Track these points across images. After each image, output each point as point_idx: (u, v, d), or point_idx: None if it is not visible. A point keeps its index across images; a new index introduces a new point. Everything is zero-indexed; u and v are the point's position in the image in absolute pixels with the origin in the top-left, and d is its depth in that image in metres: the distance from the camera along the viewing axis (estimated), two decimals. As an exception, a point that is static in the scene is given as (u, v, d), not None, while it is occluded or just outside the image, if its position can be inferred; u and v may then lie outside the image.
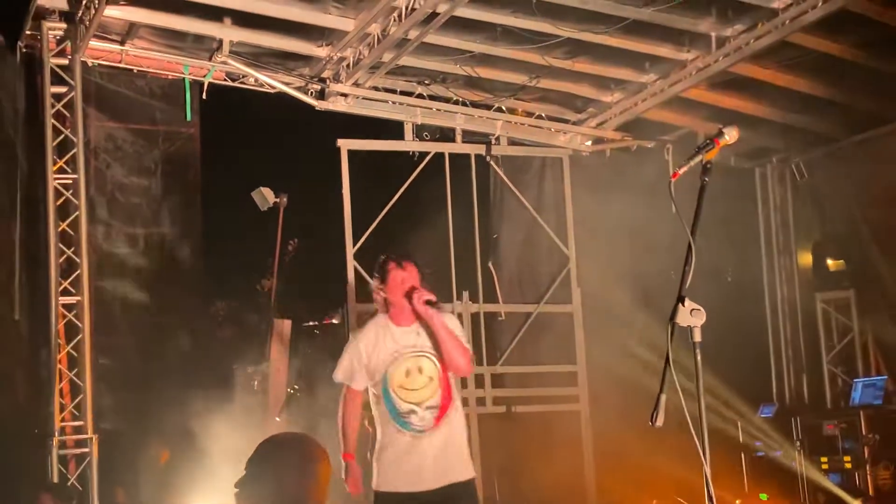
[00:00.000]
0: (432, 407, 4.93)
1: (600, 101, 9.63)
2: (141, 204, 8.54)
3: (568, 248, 9.89)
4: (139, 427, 7.98)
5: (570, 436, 9.47)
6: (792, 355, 10.71)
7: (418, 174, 9.41)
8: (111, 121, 8.44)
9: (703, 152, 3.34)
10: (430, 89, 9.24)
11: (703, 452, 3.09)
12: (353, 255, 9.11)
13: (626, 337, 9.57)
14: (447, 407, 4.96)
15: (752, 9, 7.79)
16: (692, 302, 3.16)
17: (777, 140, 10.35)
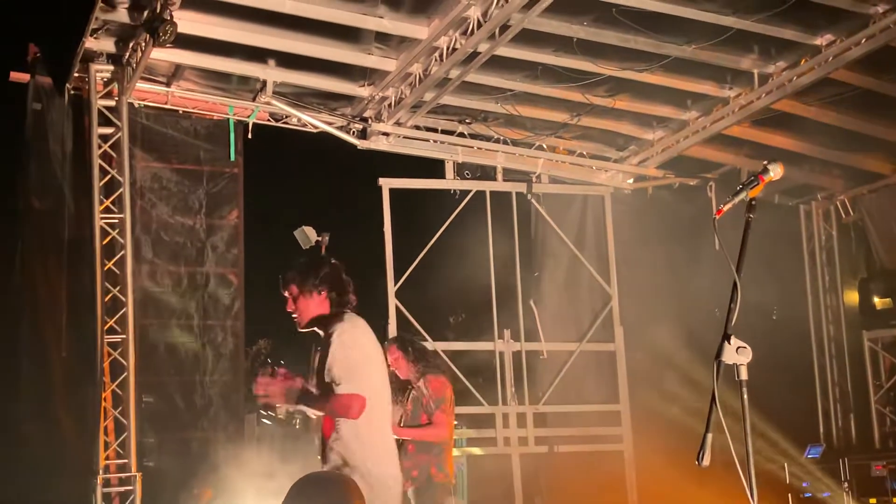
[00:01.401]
0: None
1: (642, 138, 9.62)
2: (185, 243, 8.62)
3: (610, 286, 9.83)
4: (182, 465, 8.00)
5: (613, 476, 9.36)
6: (839, 395, 10.55)
7: (459, 212, 9.43)
8: (157, 161, 8.55)
9: (747, 189, 3.32)
10: (471, 128, 9.29)
11: (750, 493, 3.04)
12: (394, 294, 9.13)
13: (669, 375, 9.48)
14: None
15: (794, 45, 7.76)
16: (738, 340, 3.12)
17: (821, 177, 10.27)
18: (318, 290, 4.78)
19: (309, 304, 4.79)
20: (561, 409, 9.62)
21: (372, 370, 4.76)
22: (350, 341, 4.69)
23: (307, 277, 4.82)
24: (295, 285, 4.82)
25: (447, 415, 6.99)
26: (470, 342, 9.43)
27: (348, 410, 4.62)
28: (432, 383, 7.04)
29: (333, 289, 4.80)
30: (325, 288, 4.78)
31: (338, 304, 4.80)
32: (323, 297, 4.78)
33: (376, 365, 4.82)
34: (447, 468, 7.04)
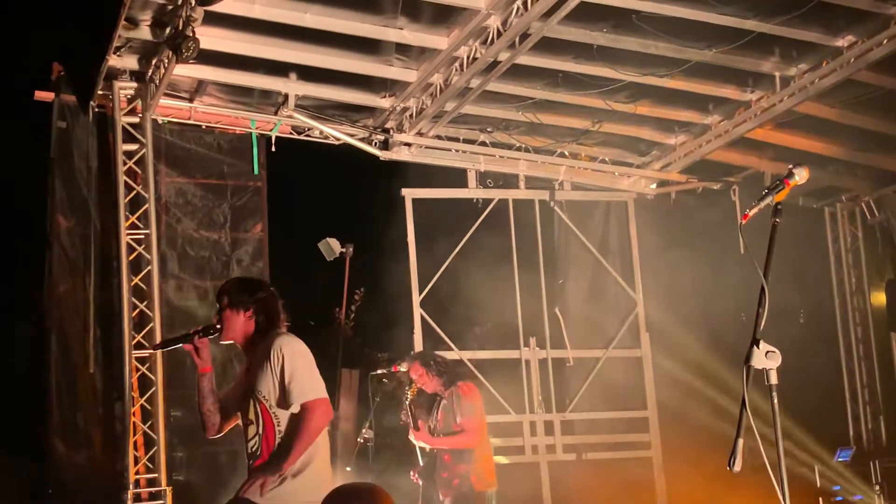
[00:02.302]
0: None
1: (664, 143, 9.60)
2: (211, 257, 8.67)
3: (635, 292, 9.82)
4: (212, 479, 8.04)
5: (642, 482, 9.33)
6: (868, 397, 10.48)
7: (482, 221, 9.45)
8: (181, 176, 8.62)
9: (773, 193, 3.31)
10: (493, 136, 9.30)
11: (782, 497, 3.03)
12: (419, 303, 9.15)
13: (696, 380, 9.43)
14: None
15: (816, 48, 7.73)
16: (767, 344, 3.12)
17: (845, 179, 10.22)
18: (246, 309, 4.75)
19: (233, 319, 4.75)
20: (588, 417, 9.59)
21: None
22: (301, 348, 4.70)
23: (240, 294, 4.81)
24: (227, 297, 4.80)
25: (477, 421, 6.98)
26: (496, 350, 9.43)
27: (327, 415, 4.65)
28: (462, 390, 7.04)
29: (262, 312, 4.76)
30: (252, 309, 4.75)
31: (264, 328, 4.77)
32: (248, 317, 4.75)
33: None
34: (487, 476, 7.03)
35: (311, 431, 4.60)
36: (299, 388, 4.60)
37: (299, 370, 4.64)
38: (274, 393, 4.64)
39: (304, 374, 4.65)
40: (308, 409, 4.59)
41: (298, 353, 4.70)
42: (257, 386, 4.67)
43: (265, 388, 4.65)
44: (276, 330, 4.81)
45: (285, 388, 4.60)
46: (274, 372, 4.64)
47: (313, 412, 4.60)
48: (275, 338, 4.75)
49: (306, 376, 4.65)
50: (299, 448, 4.57)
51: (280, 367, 4.62)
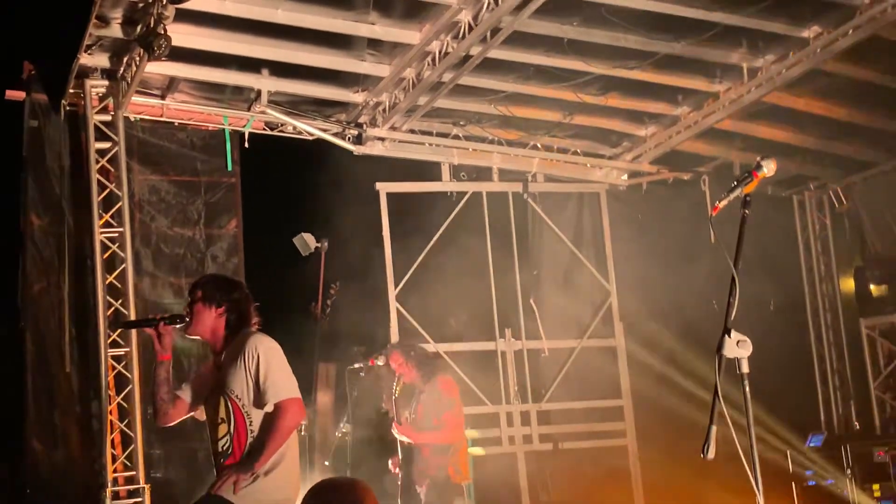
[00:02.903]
0: None
1: (635, 135, 9.69)
2: (185, 254, 8.66)
3: (608, 283, 9.91)
4: (190, 476, 8.05)
5: (618, 471, 9.44)
6: (839, 383, 10.64)
7: (456, 214, 9.50)
8: (154, 174, 8.60)
9: (741, 186, 3.39)
10: (466, 130, 9.35)
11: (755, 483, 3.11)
12: (394, 297, 9.20)
13: (669, 369, 9.55)
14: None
15: (782, 39, 7.83)
16: (738, 333, 3.19)
17: (814, 167, 10.35)
18: (219, 305, 4.78)
19: (204, 314, 4.78)
20: (564, 406, 9.68)
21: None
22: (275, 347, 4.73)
23: (215, 291, 4.84)
24: (201, 291, 4.83)
25: (456, 416, 7.06)
26: (471, 342, 9.48)
27: (300, 414, 4.68)
28: (441, 384, 7.11)
29: (235, 312, 4.80)
30: (225, 307, 4.78)
31: (235, 327, 4.80)
32: (219, 315, 4.78)
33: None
34: (463, 469, 7.12)
35: (285, 431, 4.63)
36: (274, 388, 4.62)
37: (274, 369, 4.66)
38: (247, 392, 4.65)
39: (279, 372, 4.68)
40: (282, 408, 4.62)
41: (272, 352, 4.72)
42: (229, 384, 4.68)
43: (238, 386, 4.66)
44: (247, 329, 4.84)
45: (260, 387, 4.62)
46: (248, 371, 4.65)
47: (287, 411, 4.63)
48: (248, 336, 4.77)
49: (281, 375, 4.68)
50: (272, 447, 4.60)
51: (255, 365, 4.64)
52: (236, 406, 4.68)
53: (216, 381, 4.79)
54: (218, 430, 4.75)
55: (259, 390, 4.63)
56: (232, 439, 4.69)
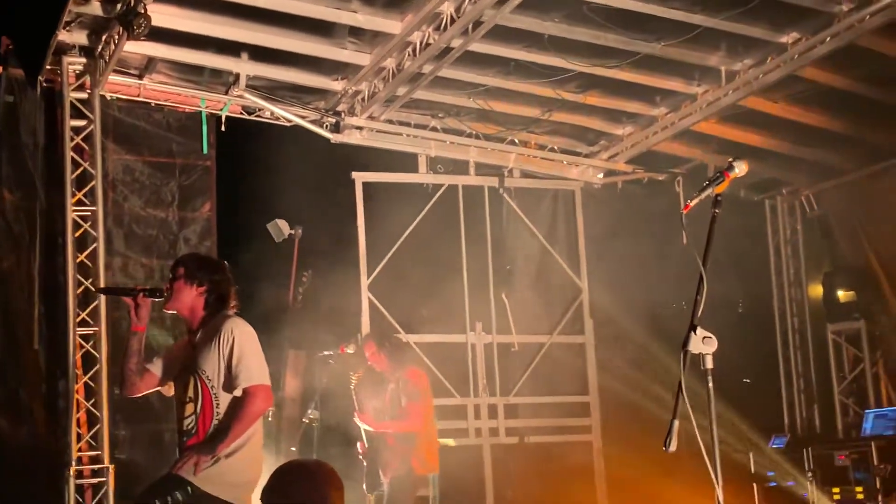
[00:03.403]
0: None
1: (612, 134, 9.74)
2: (158, 236, 8.63)
3: (580, 280, 9.96)
4: (155, 457, 8.02)
5: (582, 466, 9.51)
6: (803, 386, 10.75)
7: (432, 206, 9.52)
8: (129, 154, 8.56)
9: (713, 185, 3.43)
10: (444, 122, 9.36)
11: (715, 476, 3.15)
12: (367, 286, 9.21)
13: (637, 367, 9.62)
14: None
15: (761, 43, 7.90)
16: (704, 330, 3.23)
17: (787, 172, 10.44)
18: (200, 284, 4.84)
19: (184, 291, 4.83)
20: (531, 401, 9.73)
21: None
22: (250, 332, 4.77)
23: (198, 269, 4.91)
24: (184, 268, 4.89)
25: (422, 406, 7.09)
26: (442, 335, 9.51)
27: (267, 401, 4.72)
28: (409, 375, 7.14)
29: (215, 293, 4.86)
30: (206, 287, 4.84)
31: (213, 308, 4.85)
32: (199, 294, 4.84)
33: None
34: (429, 461, 7.15)
35: (251, 417, 4.66)
36: (246, 372, 4.66)
37: (247, 354, 4.70)
38: (218, 374, 4.69)
39: (252, 358, 4.71)
40: (250, 394, 4.65)
41: (247, 337, 4.76)
42: (201, 364, 4.72)
43: (210, 368, 4.70)
44: (225, 311, 4.87)
45: (231, 370, 4.65)
46: (221, 353, 4.68)
47: (255, 397, 4.65)
48: (225, 319, 4.79)
49: (253, 360, 4.71)
50: (236, 432, 4.63)
51: (229, 349, 4.68)
52: (205, 387, 4.70)
53: (188, 360, 4.82)
54: (185, 409, 4.78)
55: (230, 374, 4.66)
56: (197, 419, 4.72)
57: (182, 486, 4.59)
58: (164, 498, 4.58)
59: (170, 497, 4.58)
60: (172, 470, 4.67)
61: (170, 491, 4.59)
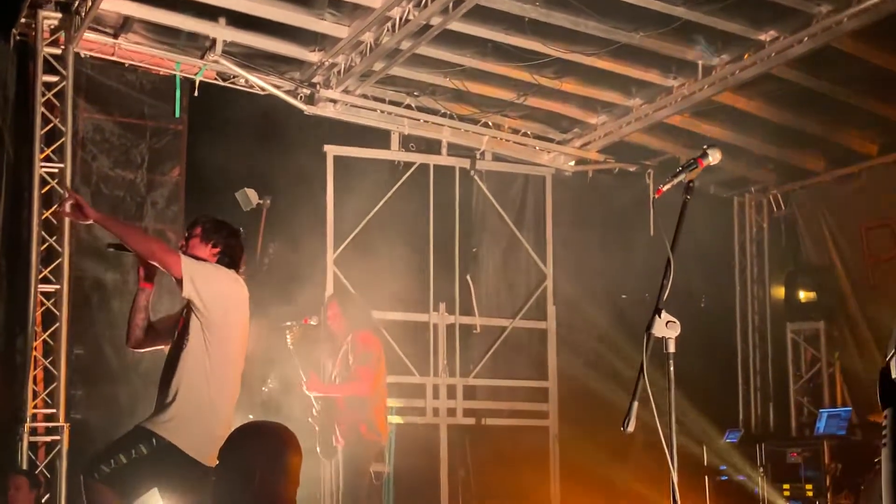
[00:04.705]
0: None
1: (586, 122, 9.76)
2: (125, 197, 8.56)
3: (546, 266, 10.00)
4: (111, 418, 7.96)
5: (538, 450, 9.57)
6: (760, 383, 10.86)
7: (402, 184, 9.50)
8: (100, 113, 8.47)
9: (686, 171, 3.45)
10: (419, 101, 9.34)
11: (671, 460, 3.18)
12: (333, 260, 9.20)
13: (599, 356, 9.69)
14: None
15: (739, 39, 7.94)
16: (668, 314, 3.25)
17: (756, 171, 10.52)
18: (215, 245, 4.99)
19: (198, 249, 5.00)
20: (490, 384, 9.77)
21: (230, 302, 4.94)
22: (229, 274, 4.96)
23: (215, 231, 5.06)
24: (201, 228, 5.04)
25: (371, 370, 7.08)
26: (405, 313, 9.51)
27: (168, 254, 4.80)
28: (359, 338, 7.15)
29: (227, 255, 5.02)
30: (220, 248, 5.00)
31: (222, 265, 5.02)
32: (213, 254, 4.99)
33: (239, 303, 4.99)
34: (378, 427, 7.15)
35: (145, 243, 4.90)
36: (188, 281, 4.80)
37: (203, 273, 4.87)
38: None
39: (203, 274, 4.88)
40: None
41: (216, 271, 4.95)
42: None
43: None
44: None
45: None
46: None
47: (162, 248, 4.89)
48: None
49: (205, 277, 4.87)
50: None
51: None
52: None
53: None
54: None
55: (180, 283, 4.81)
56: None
57: (146, 439, 4.67)
58: (129, 451, 4.65)
59: (134, 450, 4.65)
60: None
61: (134, 444, 4.67)
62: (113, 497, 4.69)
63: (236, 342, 4.95)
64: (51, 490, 7.51)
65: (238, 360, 4.99)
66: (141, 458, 4.65)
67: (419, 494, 9.20)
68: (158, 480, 4.74)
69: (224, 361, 4.84)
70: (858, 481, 7.73)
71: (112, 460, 4.67)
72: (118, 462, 4.66)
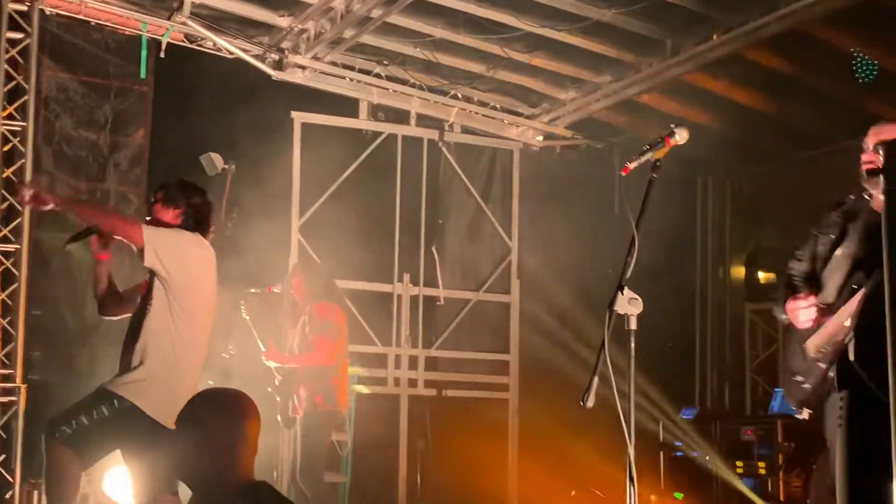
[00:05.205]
0: None
1: (555, 97, 9.75)
2: (88, 158, 8.47)
3: (511, 240, 10.03)
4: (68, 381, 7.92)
5: (497, 423, 9.63)
6: (717, 361, 10.98)
7: (370, 154, 9.47)
8: (64, 71, 8.36)
9: (653, 150, 3.48)
10: (389, 70, 9.28)
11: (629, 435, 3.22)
12: (298, 228, 9.16)
13: (562, 331, 9.75)
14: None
15: (709, 19, 7.96)
16: (630, 291, 3.29)
17: (721, 152, 10.54)
18: (177, 207, 4.97)
19: (161, 214, 4.98)
20: (452, 356, 9.81)
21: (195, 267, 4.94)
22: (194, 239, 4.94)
23: (177, 192, 5.02)
24: (163, 192, 5.03)
25: (329, 340, 7.09)
26: (369, 283, 9.51)
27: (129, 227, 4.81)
28: (317, 308, 7.16)
29: (191, 216, 4.99)
30: (182, 209, 4.96)
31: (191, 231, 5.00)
32: (176, 216, 4.97)
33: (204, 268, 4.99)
34: (337, 397, 7.17)
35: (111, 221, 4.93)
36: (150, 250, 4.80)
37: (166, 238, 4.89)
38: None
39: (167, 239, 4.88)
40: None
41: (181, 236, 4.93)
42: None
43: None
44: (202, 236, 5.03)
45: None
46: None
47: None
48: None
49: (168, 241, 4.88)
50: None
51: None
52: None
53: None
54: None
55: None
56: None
57: (109, 400, 4.68)
58: (91, 412, 4.65)
59: (96, 411, 4.65)
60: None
61: (96, 405, 4.67)
62: (73, 457, 4.68)
63: (202, 306, 4.93)
64: (7, 451, 7.45)
65: (204, 324, 4.97)
66: (103, 420, 4.64)
67: (378, 464, 9.25)
68: (120, 442, 4.74)
69: (189, 325, 4.83)
70: (811, 461, 7.84)
71: (73, 421, 4.66)
72: (80, 423, 4.65)
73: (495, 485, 9.28)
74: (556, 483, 8.86)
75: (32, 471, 7.29)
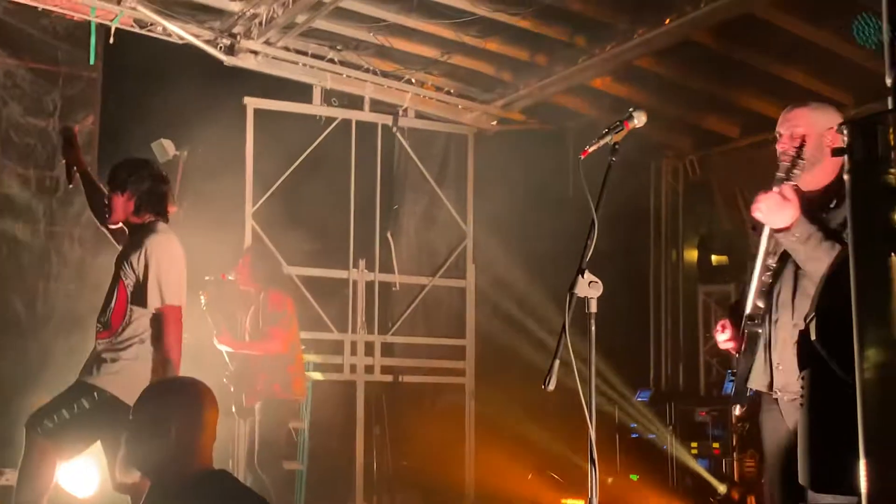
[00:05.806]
0: None
1: (508, 82, 9.75)
2: (36, 145, 8.35)
3: (466, 224, 10.04)
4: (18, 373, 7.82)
5: (454, 407, 9.66)
6: (671, 343, 11.09)
7: (323, 139, 9.41)
8: (11, 57, 8.23)
9: (612, 133, 3.50)
10: (342, 55, 9.23)
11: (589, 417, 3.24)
12: (251, 215, 9.10)
13: (517, 315, 9.78)
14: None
15: (661, 4, 7.99)
16: (591, 274, 3.30)
17: (674, 136, 10.66)
18: (122, 191, 4.90)
19: (115, 201, 4.91)
20: (409, 341, 9.81)
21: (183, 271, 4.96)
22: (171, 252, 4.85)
23: (121, 172, 4.96)
24: (110, 176, 5.00)
25: (283, 329, 7.09)
26: (324, 269, 9.47)
27: (178, 321, 4.80)
28: (271, 297, 7.14)
29: (146, 202, 4.90)
30: (129, 192, 4.89)
31: (142, 213, 4.92)
32: (127, 199, 4.89)
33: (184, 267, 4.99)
34: (293, 385, 7.16)
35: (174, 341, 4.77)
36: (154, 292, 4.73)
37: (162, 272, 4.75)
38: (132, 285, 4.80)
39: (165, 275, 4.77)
40: (163, 316, 4.74)
41: (166, 257, 4.80)
42: (125, 267, 4.81)
43: (128, 276, 4.80)
44: (156, 222, 4.88)
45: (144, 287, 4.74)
46: (136, 270, 4.76)
47: (167, 320, 4.75)
48: (149, 234, 4.81)
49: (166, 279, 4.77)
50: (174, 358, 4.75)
51: (143, 268, 4.73)
52: (123, 289, 4.79)
53: (122, 252, 4.91)
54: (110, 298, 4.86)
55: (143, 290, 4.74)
56: (110, 316, 4.82)
57: (89, 393, 4.67)
58: (72, 406, 4.65)
59: (76, 405, 4.65)
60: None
61: (77, 399, 4.67)
62: (53, 451, 4.68)
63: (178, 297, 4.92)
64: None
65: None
66: (84, 413, 4.65)
67: (334, 451, 9.24)
68: (101, 433, 4.73)
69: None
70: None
71: (55, 416, 4.67)
72: (61, 417, 4.66)
73: (453, 470, 9.31)
74: (514, 467, 8.91)
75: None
